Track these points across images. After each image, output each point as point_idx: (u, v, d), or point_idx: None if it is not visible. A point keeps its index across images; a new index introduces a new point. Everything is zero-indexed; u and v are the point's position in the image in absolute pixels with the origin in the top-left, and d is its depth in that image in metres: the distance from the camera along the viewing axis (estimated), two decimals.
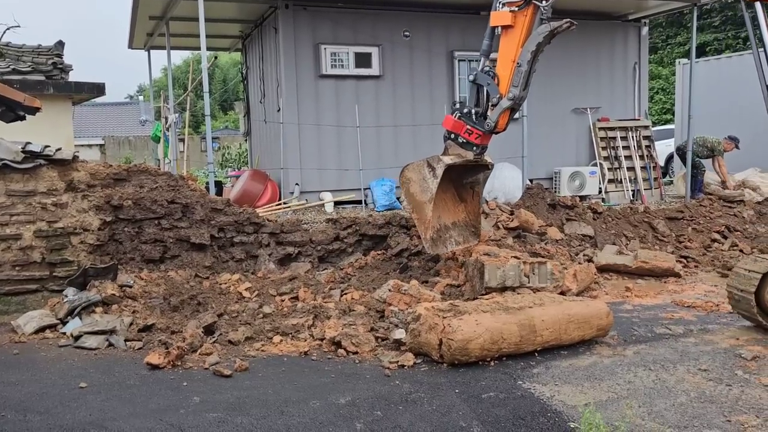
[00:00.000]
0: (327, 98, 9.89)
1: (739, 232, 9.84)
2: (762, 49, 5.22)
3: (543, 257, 6.65)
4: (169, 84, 11.81)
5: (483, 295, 5.85)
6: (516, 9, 6.10)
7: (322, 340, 5.17)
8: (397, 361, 4.64)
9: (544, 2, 6.04)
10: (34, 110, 4.23)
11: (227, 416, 3.77)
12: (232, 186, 10.53)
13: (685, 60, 15.81)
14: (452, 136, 6.44)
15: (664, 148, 15.54)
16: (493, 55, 6.47)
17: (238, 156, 23.65)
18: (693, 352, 4.82)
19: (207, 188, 8.00)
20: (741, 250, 9.09)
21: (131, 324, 5.65)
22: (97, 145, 34.16)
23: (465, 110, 6.37)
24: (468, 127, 6.33)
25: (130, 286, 6.39)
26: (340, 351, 4.93)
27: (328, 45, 9.74)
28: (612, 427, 3.41)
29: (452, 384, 4.22)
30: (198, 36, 12.17)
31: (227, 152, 26.04)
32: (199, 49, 15.28)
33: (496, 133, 6.46)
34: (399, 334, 4.94)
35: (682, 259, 8.41)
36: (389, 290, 5.78)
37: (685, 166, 11.57)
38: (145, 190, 7.21)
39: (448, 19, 10.63)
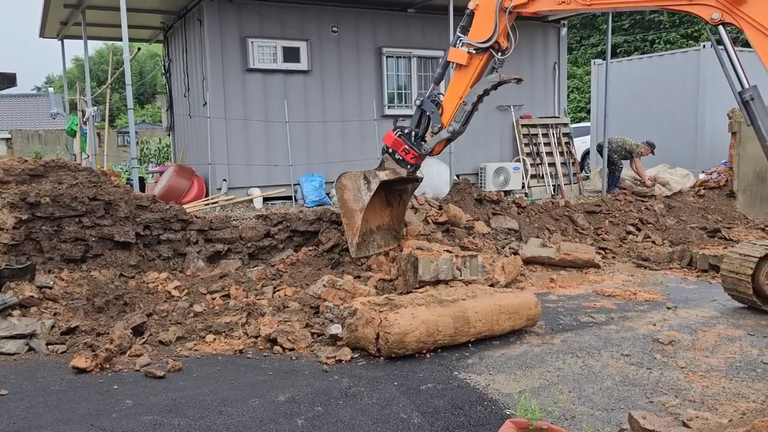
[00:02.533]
0: (255, 93, 9.73)
1: (651, 225, 10.42)
2: (732, 67, 5.58)
3: (472, 251, 6.87)
4: (86, 76, 11.28)
5: (417, 288, 5.95)
6: (474, 52, 6.45)
7: (257, 337, 5.11)
8: (335, 356, 4.65)
9: (499, 54, 6.45)
10: None
11: (163, 418, 3.68)
12: (156, 182, 10.19)
13: (600, 60, 16.54)
14: (390, 151, 6.83)
15: (580, 145, 16.20)
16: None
17: (158, 151, 22.86)
18: (615, 338, 5.08)
19: (130, 184, 7.70)
20: (653, 242, 9.64)
21: (53, 327, 5.41)
22: (2, 139, 32.17)
23: (406, 131, 6.78)
24: (406, 146, 6.74)
25: (50, 287, 6.10)
26: (276, 348, 4.89)
27: (256, 39, 9.57)
28: (546, 412, 3.56)
29: (390, 377, 4.27)
30: (115, 26, 11.79)
31: (146, 147, 25.13)
32: (116, 39, 14.73)
33: (430, 155, 6.92)
34: (335, 329, 4.95)
35: (601, 251, 8.83)
36: (324, 286, 5.78)
37: (604, 162, 12.10)
38: (65, 187, 6.88)
39: (376, 16, 10.67)
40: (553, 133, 12.08)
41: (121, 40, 8.18)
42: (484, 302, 5.02)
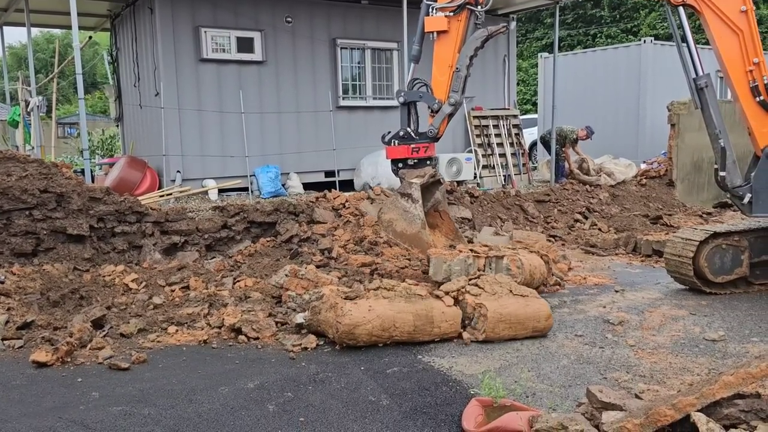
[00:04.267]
0: (208, 83, 9.63)
1: (597, 213, 10.83)
2: (686, 47, 5.82)
3: (497, 251, 6.06)
4: (30, 65, 10.90)
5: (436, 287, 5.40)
6: (451, 14, 6.04)
7: (220, 327, 5.13)
8: (300, 344, 4.72)
9: (479, 7, 6.08)
10: None
11: (132, 408, 3.68)
12: (106, 174, 9.97)
13: (546, 54, 16.97)
14: (400, 164, 6.32)
15: (527, 137, 16.63)
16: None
17: (101, 142, 22.24)
18: (569, 320, 5.32)
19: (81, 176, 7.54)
20: (600, 229, 10.02)
21: (7, 322, 5.28)
22: None
23: (401, 133, 6.28)
24: (413, 146, 6.23)
25: (2, 282, 5.96)
26: (241, 337, 4.92)
27: (209, 28, 9.46)
28: (508, 390, 3.73)
29: (356, 362, 4.37)
30: (59, 13, 11.46)
31: (89, 138, 24.39)
32: (59, 27, 14.26)
33: (437, 139, 6.40)
34: (300, 318, 5.02)
35: (551, 238, 9.14)
36: (286, 275, 5.82)
37: (549, 153, 12.47)
38: (14, 179, 6.70)
39: (330, 7, 10.69)
40: (503, 125, 12.37)
41: (63, 27, 7.97)
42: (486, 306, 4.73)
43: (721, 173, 5.90)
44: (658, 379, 4.00)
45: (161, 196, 8.66)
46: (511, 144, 12.42)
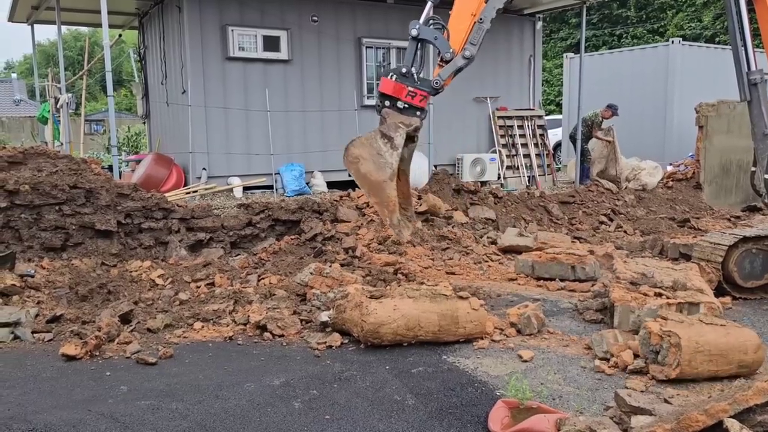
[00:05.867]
0: (234, 81, 9.71)
1: (622, 215, 10.71)
2: (743, 44, 5.65)
3: (692, 298, 4.97)
4: (60, 62, 11.08)
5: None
6: None
7: (245, 324, 5.16)
8: (325, 342, 4.73)
9: None
10: None
11: (160, 403, 3.72)
12: (133, 171, 10.11)
13: (572, 54, 16.83)
14: (388, 102, 5.55)
15: (551, 137, 16.53)
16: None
17: (127, 139, 22.54)
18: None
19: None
20: (625, 231, 9.91)
21: (37, 315, 5.38)
22: None
23: (403, 70, 5.49)
24: (410, 89, 5.47)
25: (32, 276, 6.06)
26: (266, 334, 4.95)
27: (236, 27, 9.54)
28: (535, 392, 3.70)
29: (381, 361, 4.37)
30: (88, 11, 11.62)
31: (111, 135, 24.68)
32: (88, 25, 14.47)
33: (438, 92, 5.70)
34: (325, 316, 5.03)
35: (576, 240, 9.06)
36: (311, 273, 5.84)
37: (576, 151, 12.36)
38: (44, 174, 6.82)
39: (355, 6, 10.72)
40: (528, 125, 12.30)
41: (92, 25, 8.08)
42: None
43: (766, 175, 5.75)
44: (685, 384, 3.94)
45: (187, 193, 8.75)
46: (536, 144, 12.34)
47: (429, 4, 5.54)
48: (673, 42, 14.54)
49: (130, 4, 11.53)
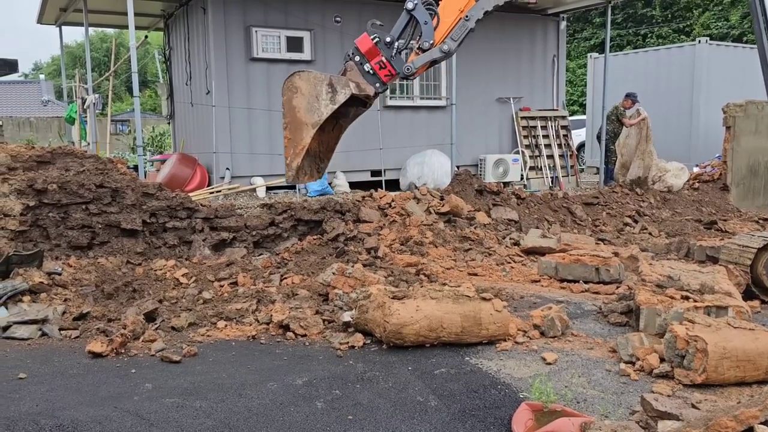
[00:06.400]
0: (258, 82, 9.77)
1: (647, 217, 10.58)
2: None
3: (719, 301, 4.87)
4: (87, 63, 11.25)
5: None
6: None
7: (268, 323, 5.18)
8: (347, 342, 4.73)
9: None
10: None
11: (184, 401, 3.75)
12: (157, 170, 10.22)
13: (596, 54, 16.66)
14: (358, 58, 5.37)
15: (574, 138, 16.39)
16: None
17: (151, 139, 22.81)
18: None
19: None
20: (650, 233, 9.78)
21: (64, 313, 5.46)
22: None
23: (387, 38, 5.35)
24: (383, 59, 5.33)
25: (59, 274, 6.15)
26: (289, 334, 4.97)
27: (259, 28, 9.60)
28: (559, 395, 3.66)
29: (404, 362, 4.37)
30: (115, 13, 11.78)
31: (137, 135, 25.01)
32: (115, 26, 14.69)
33: (407, 79, 5.59)
34: (347, 316, 5.04)
35: (600, 242, 8.96)
36: (333, 273, 5.85)
37: (602, 151, 12.23)
38: (72, 174, 6.92)
39: (379, 7, 10.71)
40: (551, 126, 12.21)
41: (118, 27, 8.19)
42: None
43: None
44: (714, 388, 3.88)
45: (211, 193, 8.82)
46: (559, 145, 12.24)
47: None
48: (699, 41, 14.32)
49: (156, 6, 11.66)
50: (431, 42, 5.31)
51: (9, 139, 29.89)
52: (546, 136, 12.18)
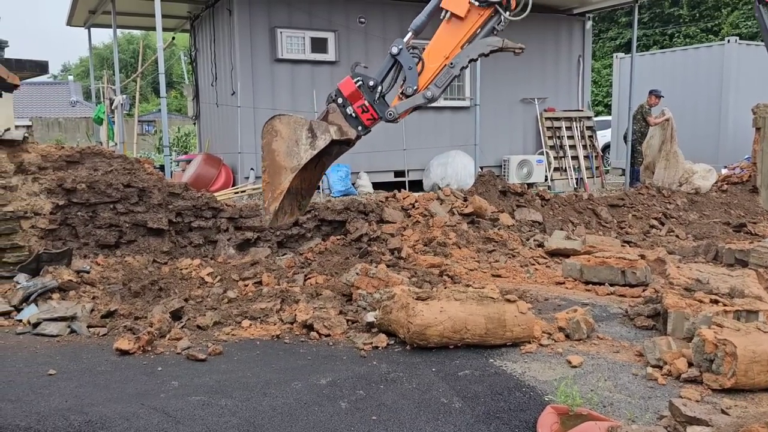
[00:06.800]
0: (283, 83, 9.83)
1: (674, 219, 10.42)
2: None
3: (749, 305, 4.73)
4: (115, 64, 11.42)
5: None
6: (476, 3, 5.28)
7: (292, 323, 5.21)
8: (371, 342, 4.74)
9: (508, 13, 5.35)
10: (12, 87, 4.07)
11: (210, 399, 3.78)
12: (183, 170, 10.34)
13: (622, 54, 16.48)
14: (341, 101, 5.42)
15: (599, 139, 16.23)
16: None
17: (176, 140, 23.08)
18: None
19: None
20: (677, 236, 9.64)
21: (92, 310, 5.54)
22: (23, 126, 32.53)
23: (371, 82, 5.41)
24: (365, 102, 5.37)
25: (87, 272, 6.25)
26: (313, 334, 4.98)
27: (284, 29, 9.66)
28: (585, 399, 3.63)
29: (427, 363, 4.36)
30: (142, 15, 11.95)
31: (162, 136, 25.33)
32: (142, 28, 14.91)
33: (393, 122, 5.74)
34: (371, 317, 5.04)
35: (625, 244, 8.85)
36: (357, 274, 5.86)
37: (627, 152, 12.09)
38: (100, 173, 7.02)
39: (403, 7, 10.72)
40: (576, 127, 12.10)
41: (145, 29, 8.30)
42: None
43: None
44: (744, 394, 3.81)
45: (235, 193, 8.90)
46: (584, 146, 12.12)
47: (410, 34, 5.46)
48: (729, 41, 14.09)
49: (182, 8, 11.80)
50: (414, 88, 5.34)
51: (38, 139, 30.40)
52: (571, 137, 12.08)
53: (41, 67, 9.98)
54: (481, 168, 10.26)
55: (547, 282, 6.76)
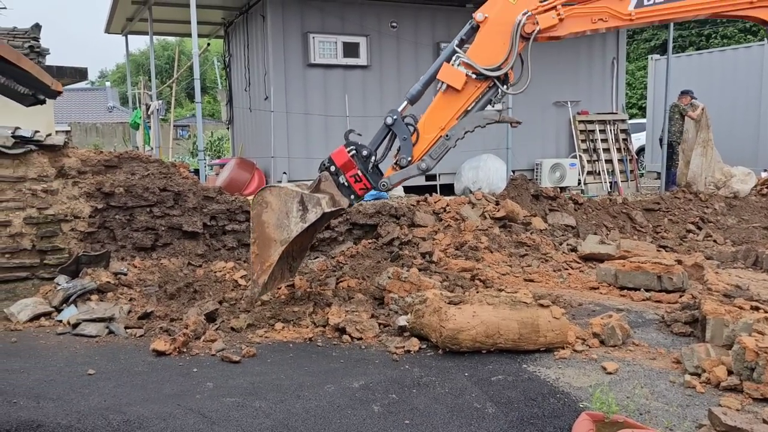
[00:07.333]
0: (315, 87, 9.92)
1: (712, 224, 10.21)
2: None
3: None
4: (151, 70, 11.65)
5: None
6: (473, 76, 5.21)
7: (324, 326, 5.24)
8: (403, 346, 4.74)
9: (504, 87, 5.29)
10: (56, 94, 4.19)
11: (245, 401, 3.83)
12: (217, 174, 10.48)
13: (657, 56, 16.21)
14: (333, 169, 5.33)
15: (634, 142, 15.98)
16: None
17: (210, 144, 23.41)
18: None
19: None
20: (715, 241, 9.44)
21: (129, 312, 5.65)
22: (62, 131, 33.36)
23: (364, 152, 5.33)
24: (358, 172, 5.28)
25: (125, 274, 6.37)
26: (345, 337, 5.01)
27: (317, 34, 9.75)
28: (621, 406, 3.57)
29: (460, 368, 4.34)
30: (178, 22, 12.17)
31: (197, 141, 25.73)
32: (178, 35, 15.16)
33: (386, 191, 5.65)
34: (403, 320, 5.04)
35: (661, 249, 8.70)
36: (389, 278, 5.87)
37: (663, 155, 11.89)
38: (137, 177, 7.15)
39: (434, 11, 10.73)
40: (610, 129, 11.94)
41: (181, 35, 8.44)
42: None
43: None
44: None
45: None
46: (618, 150, 11.96)
47: (405, 103, 5.41)
48: None
49: (217, 15, 11.99)
50: (409, 159, 5.29)
51: (77, 144, 31.18)
52: (605, 140, 11.92)
53: (81, 74, 10.24)
54: (513, 172, 10.19)
55: (581, 287, 6.68)
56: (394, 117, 5.29)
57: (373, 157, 5.35)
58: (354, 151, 5.31)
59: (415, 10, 10.55)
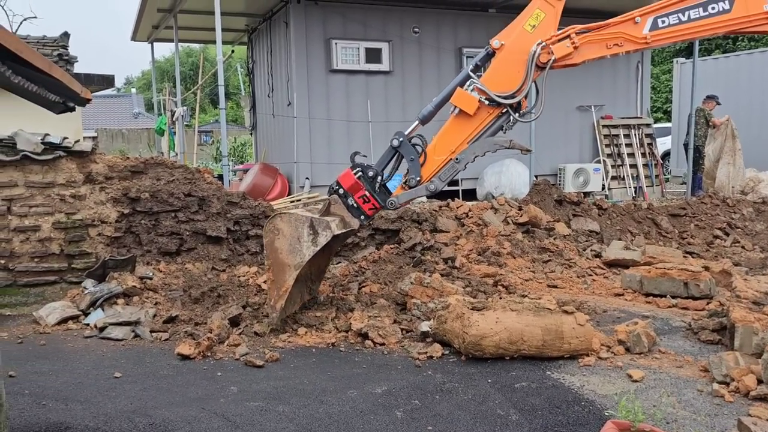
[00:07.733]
0: (337, 93, 9.97)
1: (740, 229, 10.03)
2: None
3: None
4: (176, 77, 11.81)
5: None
6: (486, 102, 5.27)
7: (347, 331, 5.25)
8: (426, 352, 4.73)
9: (516, 114, 5.34)
10: (85, 102, 4.28)
11: (268, 405, 3.85)
12: (240, 180, 10.58)
13: (682, 59, 16.02)
14: (342, 192, 5.45)
15: (659, 146, 15.80)
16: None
17: (233, 150, 23.62)
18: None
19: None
20: (743, 247, 9.27)
21: (155, 315, 5.71)
22: (89, 137, 33.93)
23: (371, 173, 5.44)
24: (366, 193, 5.39)
25: (150, 278, 6.45)
26: (367, 342, 5.01)
27: (339, 40, 9.81)
28: (647, 414, 3.53)
29: (483, 374, 4.32)
30: (203, 29, 12.33)
31: (220, 146, 25.98)
32: (202, 42, 15.38)
33: (393, 210, 5.69)
34: (425, 326, 5.04)
35: (687, 255, 8.57)
36: (411, 283, 5.87)
37: (689, 160, 11.74)
38: (162, 183, 7.25)
39: (456, 16, 10.73)
40: (635, 134, 11.82)
41: (205, 42, 8.54)
42: None
43: None
44: None
45: (291, 202, 9.04)
46: (643, 154, 11.83)
47: (416, 122, 5.49)
48: None
49: (240, 22, 12.11)
50: (418, 179, 5.37)
51: (103, 150, 31.68)
52: (629, 145, 11.80)
53: (108, 81, 10.42)
54: (536, 177, 10.12)
55: (606, 293, 6.61)
56: (400, 139, 5.39)
57: (379, 177, 5.45)
58: (360, 173, 5.43)
59: (438, 16, 10.56)
